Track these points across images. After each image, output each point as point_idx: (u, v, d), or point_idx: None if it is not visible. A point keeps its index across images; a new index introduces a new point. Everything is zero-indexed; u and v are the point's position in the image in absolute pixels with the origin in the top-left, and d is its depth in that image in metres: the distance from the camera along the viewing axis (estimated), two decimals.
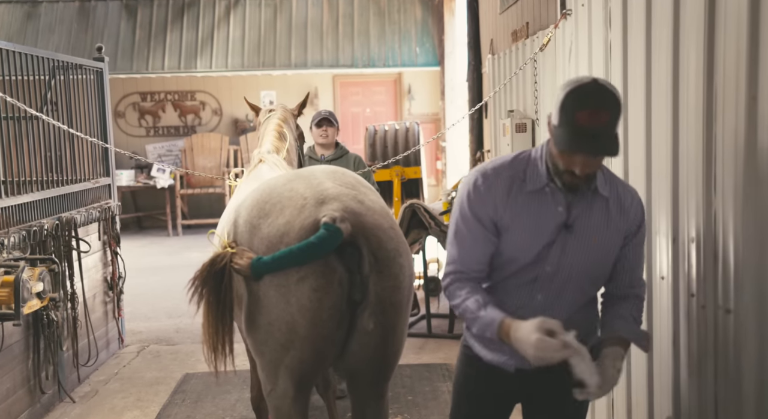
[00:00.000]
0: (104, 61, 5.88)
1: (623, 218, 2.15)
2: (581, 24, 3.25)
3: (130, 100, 12.45)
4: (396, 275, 2.49)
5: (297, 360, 2.50)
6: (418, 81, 12.41)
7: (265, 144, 3.53)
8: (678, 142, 2.30)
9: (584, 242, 2.13)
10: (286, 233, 2.47)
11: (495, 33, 6.38)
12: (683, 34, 2.24)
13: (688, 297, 2.28)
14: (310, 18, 12.01)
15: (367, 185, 2.71)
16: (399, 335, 2.58)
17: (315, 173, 2.72)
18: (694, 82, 2.16)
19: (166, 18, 11.98)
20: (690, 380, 2.34)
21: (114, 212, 5.75)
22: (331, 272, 2.42)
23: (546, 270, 2.15)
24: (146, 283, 7.87)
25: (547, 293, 2.17)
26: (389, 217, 2.61)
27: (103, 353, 5.53)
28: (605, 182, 2.14)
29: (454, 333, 6.07)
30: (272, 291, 2.49)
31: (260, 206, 2.64)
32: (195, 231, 11.82)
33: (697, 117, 2.15)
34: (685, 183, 2.27)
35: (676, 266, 2.37)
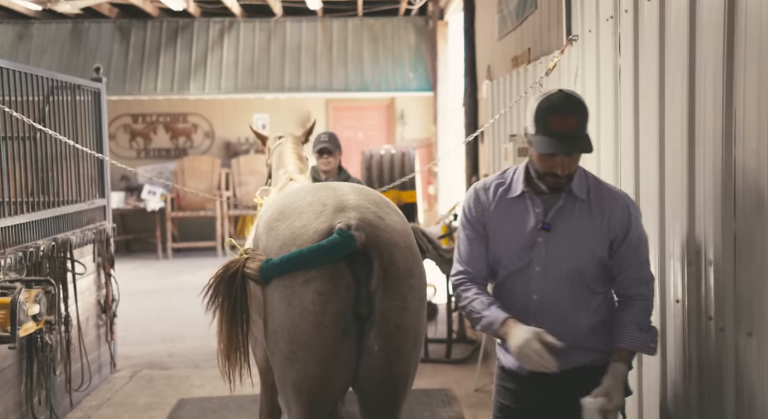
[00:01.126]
0: (102, 81, 5.86)
1: (604, 221, 2.34)
2: (588, 49, 3.27)
3: (121, 122, 12.41)
4: (404, 295, 2.44)
5: (302, 375, 2.44)
6: (411, 106, 12.47)
7: (290, 165, 3.54)
8: (694, 166, 2.30)
9: (565, 242, 2.34)
10: (300, 236, 2.47)
11: (492, 59, 6.42)
12: (699, 59, 2.25)
13: (705, 320, 2.27)
14: (304, 42, 12.06)
15: (393, 206, 2.69)
16: (405, 360, 2.51)
17: (342, 186, 2.72)
18: (711, 106, 2.17)
19: (159, 40, 11.99)
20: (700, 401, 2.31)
21: (109, 234, 5.69)
22: (339, 277, 2.39)
23: (536, 271, 2.38)
24: (137, 307, 7.77)
25: (541, 292, 2.38)
26: (408, 238, 2.57)
27: (96, 378, 5.43)
28: (582, 186, 2.36)
29: (451, 358, 6.02)
30: (277, 294, 2.47)
31: (281, 209, 2.65)
32: (185, 255, 11.73)
33: (716, 140, 2.15)
34: (702, 208, 2.27)
35: (691, 288, 2.35)
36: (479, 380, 5.43)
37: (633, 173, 2.76)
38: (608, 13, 2.96)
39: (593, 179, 2.41)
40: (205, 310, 2.65)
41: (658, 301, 2.60)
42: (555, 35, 4.08)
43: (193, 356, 6.34)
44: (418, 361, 2.64)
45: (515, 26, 5.30)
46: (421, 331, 2.59)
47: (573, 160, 2.28)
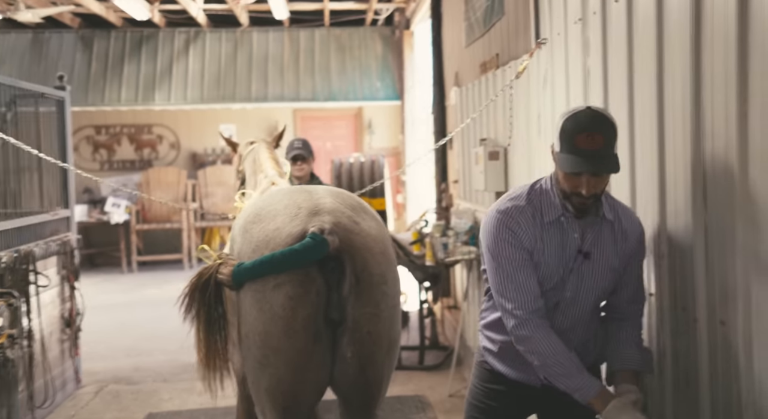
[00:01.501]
0: (66, 89, 5.75)
1: (625, 239, 2.30)
2: (557, 52, 3.29)
3: (84, 134, 12.20)
4: (377, 302, 2.41)
5: (275, 380, 2.40)
6: (379, 115, 12.48)
7: (269, 169, 3.50)
8: (664, 162, 2.32)
9: (600, 267, 2.30)
10: (273, 239, 2.43)
11: (460, 66, 6.45)
12: (667, 58, 2.27)
13: (680, 312, 2.29)
14: (270, 52, 12.01)
15: (370, 212, 2.66)
16: (379, 366, 2.48)
17: (319, 189, 2.69)
18: (680, 103, 2.19)
19: (123, 50, 11.84)
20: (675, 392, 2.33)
21: (73, 246, 5.56)
22: (310, 282, 2.35)
23: (566, 296, 2.31)
24: (101, 321, 7.60)
25: (567, 316, 2.34)
26: (383, 244, 2.54)
27: (59, 394, 5.28)
28: (609, 207, 2.31)
29: (424, 365, 5.99)
30: (249, 298, 2.43)
31: (257, 212, 2.62)
32: (151, 268, 11.54)
33: (685, 135, 2.17)
34: (672, 202, 2.29)
35: (664, 282, 2.37)
36: (452, 386, 5.42)
37: None
38: (576, 16, 2.98)
39: (609, 196, 2.36)
40: (182, 319, 2.61)
41: None
42: (523, 40, 4.10)
43: (161, 369, 6.22)
44: (394, 365, 2.61)
45: (483, 33, 5.33)
46: (395, 337, 2.56)
47: (599, 180, 2.18)
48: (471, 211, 5.40)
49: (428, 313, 6.33)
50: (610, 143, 2.13)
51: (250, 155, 3.73)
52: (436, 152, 7.70)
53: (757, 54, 1.82)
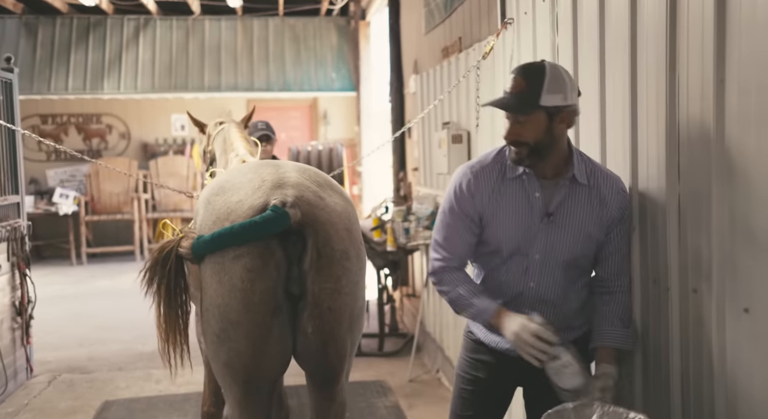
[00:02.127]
0: (14, 71, 5.56)
1: (603, 206, 2.29)
2: (524, 31, 3.33)
3: (30, 123, 11.82)
4: (338, 277, 2.39)
5: (234, 354, 2.37)
6: (334, 106, 12.43)
7: (239, 148, 3.44)
8: (636, 133, 2.36)
9: (568, 230, 2.28)
10: (234, 211, 2.40)
11: (419, 53, 6.47)
12: (641, 30, 2.31)
13: (651, 284, 2.33)
14: (223, 41, 11.84)
15: (338, 189, 2.64)
16: (341, 342, 2.46)
17: (286, 164, 2.66)
18: (654, 73, 2.23)
19: (69, 37, 11.50)
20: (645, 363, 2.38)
21: (23, 232, 5.39)
22: (269, 254, 2.32)
23: (535, 258, 2.31)
24: (52, 312, 7.40)
25: (539, 280, 2.33)
26: (349, 221, 2.51)
27: (11, 384, 5.12)
28: (584, 171, 2.30)
29: (384, 351, 6.01)
30: (208, 270, 2.40)
31: (222, 184, 2.59)
32: (101, 260, 11.27)
33: (659, 105, 2.21)
34: (645, 175, 2.33)
35: (635, 254, 2.41)
36: (413, 371, 5.44)
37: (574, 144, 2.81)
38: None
39: (589, 162, 2.34)
40: (143, 293, 2.57)
41: None
42: (487, 22, 4.14)
43: (116, 359, 6.09)
44: (357, 341, 2.60)
45: (444, 18, 5.36)
46: (358, 314, 2.54)
47: (521, 127, 2.21)
48: (432, 196, 5.43)
49: (388, 300, 6.34)
50: (531, 89, 2.17)
51: (219, 135, 3.68)
52: (394, 141, 7.70)
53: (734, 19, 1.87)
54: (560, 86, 2.20)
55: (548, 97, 2.18)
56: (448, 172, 4.52)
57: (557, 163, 2.30)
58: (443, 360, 5.29)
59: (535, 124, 2.21)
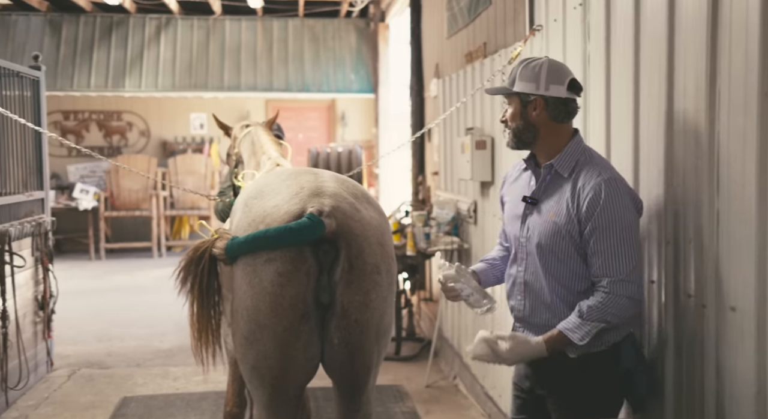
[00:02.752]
0: (41, 69, 5.62)
1: (574, 200, 2.35)
2: (553, 39, 3.32)
3: (52, 119, 11.93)
4: (367, 291, 2.40)
5: (262, 357, 2.40)
6: (352, 108, 12.45)
7: (271, 151, 3.46)
8: (673, 148, 2.34)
9: (539, 217, 2.44)
10: (270, 215, 2.42)
11: (441, 57, 6.47)
12: (678, 42, 2.29)
13: (684, 298, 2.31)
14: (243, 41, 11.90)
15: (374, 203, 2.66)
16: (367, 354, 2.47)
17: (325, 173, 2.68)
18: (693, 91, 2.20)
19: (93, 35, 11.60)
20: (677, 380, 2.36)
21: (47, 228, 5.44)
22: (301, 261, 2.34)
23: (521, 242, 2.50)
24: (70, 307, 7.45)
25: (525, 265, 2.48)
26: (382, 235, 2.52)
27: (32, 376, 5.18)
28: (569, 163, 2.40)
29: (401, 355, 6.01)
30: (240, 272, 2.43)
31: (260, 188, 2.62)
32: (119, 255, 11.36)
33: (698, 118, 2.17)
34: (681, 192, 2.30)
35: (669, 268, 2.39)
36: (430, 376, 5.44)
37: (605, 155, 2.80)
38: (577, 1, 3.01)
39: (587, 157, 2.40)
40: (177, 292, 2.60)
41: None
42: (513, 28, 4.13)
43: (134, 355, 6.13)
44: (383, 354, 2.60)
45: (467, 23, 5.35)
46: (386, 328, 2.55)
47: (506, 110, 2.49)
48: (453, 201, 5.43)
49: (405, 304, 6.35)
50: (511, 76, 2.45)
51: (246, 138, 3.70)
52: (414, 145, 7.71)
53: None
54: (532, 76, 2.40)
55: (519, 84, 2.42)
56: (471, 178, 4.51)
57: (549, 152, 2.44)
58: (461, 367, 5.28)
59: (513, 107, 2.47)
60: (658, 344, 2.47)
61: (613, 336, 2.36)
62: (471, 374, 5.00)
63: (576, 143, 2.42)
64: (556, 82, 2.38)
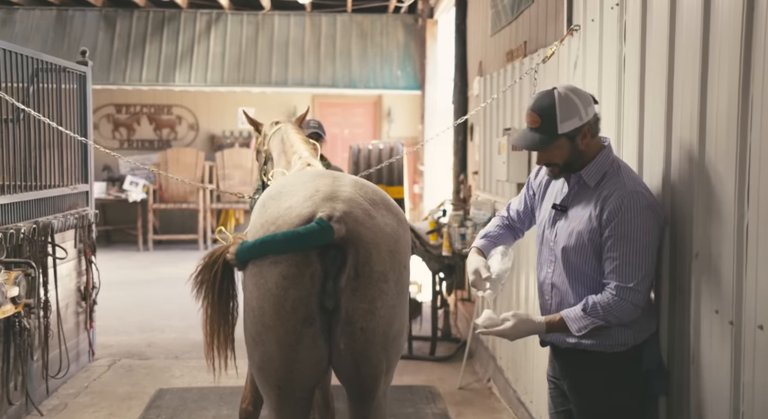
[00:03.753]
0: (88, 65, 5.74)
1: (597, 208, 2.38)
2: (590, 39, 3.23)
3: (105, 112, 12.24)
4: (372, 299, 2.37)
5: (267, 358, 2.41)
6: (398, 104, 12.42)
7: (302, 150, 3.45)
8: (704, 159, 2.25)
9: (565, 223, 2.49)
10: (282, 217, 2.43)
11: (484, 55, 6.39)
12: (714, 45, 2.20)
13: (711, 314, 2.22)
14: (292, 36, 11.97)
15: (392, 209, 2.61)
16: (374, 362, 2.45)
17: (344, 177, 2.66)
18: (726, 96, 2.11)
19: (145, 30, 11.83)
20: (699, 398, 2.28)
21: (91, 220, 5.57)
22: (306, 265, 2.34)
23: (551, 246, 2.55)
24: (116, 297, 7.63)
25: (553, 268, 2.54)
26: (395, 243, 2.48)
27: (73, 365, 5.31)
28: (597, 174, 2.43)
29: (435, 356, 5.97)
30: (248, 273, 2.46)
31: (279, 189, 2.63)
32: (166, 247, 11.58)
33: (729, 134, 2.09)
34: (711, 201, 2.21)
35: (696, 281, 2.31)
36: (464, 378, 5.39)
37: (636, 166, 2.71)
38: (614, 1, 2.92)
39: (615, 168, 2.45)
40: (192, 297, 2.62)
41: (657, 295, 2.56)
42: (553, 27, 4.04)
43: (173, 347, 6.23)
44: (393, 361, 2.58)
45: (510, 21, 5.26)
46: (394, 336, 2.51)
47: (546, 154, 2.45)
48: (491, 202, 5.35)
49: (442, 304, 6.29)
50: (546, 122, 2.38)
51: (276, 135, 3.69)
52: (456, 143, 7.64)
53: None
54: (572, 111, 2.38)
55: (564, 125, 2.38)
56: (507, 179, 4.44)
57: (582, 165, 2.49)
58: (495, 370, 5.21)
59: (560, 149, 2.43)
60: (684, 360, 2.39)
61: (634, 338, 2.43)
62: (504, 377, 4.93)
63: (605, 156, 2.46)
64: (588, 103, 2.42)
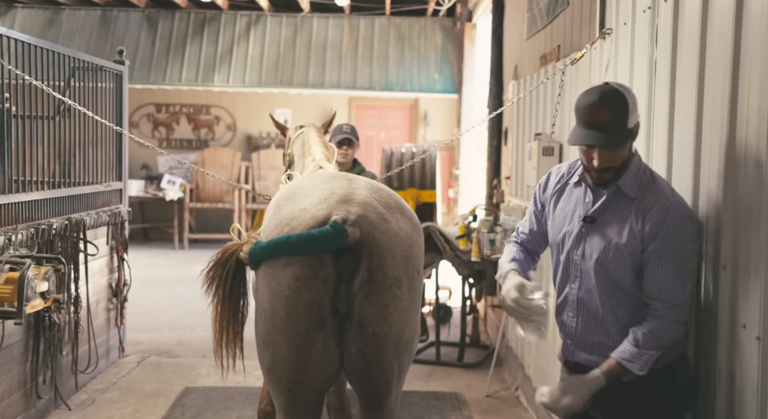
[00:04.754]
0: (125, 64, 5.82)
1: (639, 220, 2.25)
2: (622, 42, 3.15)
3: (145, 111, 12.43)
4: (385, 304, 2.34)
5: (277, 360, 2.39)
6: (435, 107, 12.37)
7: (317, 153, 3.46)
8: (734, 164, 2.17)
9: (601, 237, 2.32)
10: (296, 218, 2.41)
11: (520, 59, 6.30)
12: (744, 49, 2.12)
13: (739, 328, 2.13)
14: (330, 39, 12.01)
15: (407, 213, 2.59)
16: (387, 367, 2.42)
17: (360, 180, 2.63)
18: (756, 100, 2.04)
19: (186, 31, 12.00)
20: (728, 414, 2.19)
21: (124, 218, 5.64)
22: (319, 267, 2.32)
23: (575, 260, 2.39)
24: (149, 294, 7.73)
25: (579, 284, 2.39)
26: (409, 248, 2.46)
27: (103, 361, 5.37)
28: (634, 183, 2.29)
29: (463, 362, 5.90)
30: (261, 274, 2.44)
31: (293, 190, 2.61)
32: (202, 245, 11.71)
33: (759, 136, 2.01)
34: (741, 210, 2.13)
35: (724, 294, 2.22)
36: (491, 386, 5.31)
37: (665, 170, 2.63)
38: (646, 4, 2.84)
39: (650, 177, 2.33)
40: (204, 294, 2.62)
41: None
42: (587, 31, 3.96)
43: (202, 345, 6.28)
44: (405, 366, 2.55)
45: (545, 24, 5.18)
46: (406, 341, 2.48)
47: (610, 154, 2.23)
48: (521, 208, 5.27)
49: (471, 310, 6.22)
50: (617, 118, 2.19)
51: (299, 139, 3.71)
52: (490, 147, 7.56)
53: None
54: (635, 104, 2.24)
55: (632, 119, 2.23)
56: (537, 185, 4.36)
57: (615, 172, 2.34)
58: (523, 378, 5.12)
59: (625, 148, 2.27)
60: (712, 375, 2.30)
61: (670, 355, 2.32)
62: (532, 386, 4.84)
63: (637, 163, 2.34)
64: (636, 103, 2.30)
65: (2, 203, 3.92)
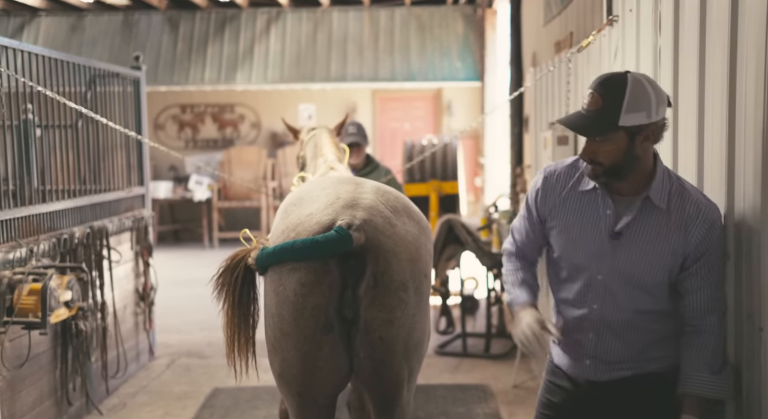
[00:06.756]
0: (141, 69, 5.88)
1: (681, 234, 2.08)
2: (628, 29, 3.09)
3: (170, 113, 12.57)
4: (392, 308, 2.34)
5: (286, 365, 2.41)
6: (458, 97, 12.27)
7: (328, 154, 3.46)
8: (734, 150, 2.12)
9: (635, 253, 2.11)
10: (302, 224, 2.42)
11: (538, 46, 6.22)
12: (741, 37, 2.07)
13: (745, 319, 2.09)
14: (350, 32, 11.99)
15: (415, 217, 2.57)
16: (396, 370, 2.42)
17: (367, 184, 2.63)
18: (753, 86, 1.98)
19: (207, 31, 12.08)
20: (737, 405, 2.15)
21: (147, 222, 5.71)
22: (325, 272, 2.32)
23: (598, 279, 2.18)
24: (179, 295, 7.83)
25: (602, 303, 2.19)
26: (416, 252, 2.45)
27: (133, 365, 5.46)
28: (663, 192, 2.10)
29: (490, 353, 5.87)
30: (268, 280, 2.46)
31: (301, 195, 2.62)
32: (231, 244, 11.81)
33: (756, 121, 1.96)
34: (742, 197, 2.08)
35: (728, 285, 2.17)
36: (518, 376, 5.28)
37: (671, 158, 2.58)
38: None
39: (677, 183, 2.14)
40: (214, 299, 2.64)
41: None
42: (599, 17, 3.89)
43: None
44: (415, 369, 2.54)
45: (560, 11, 5.11)
46: (415, 345, 2.46)
47: (597, 146, 2.07)
48: None
49: (496, 301, 6.19)
50: (609, 107, 2.02)
51: (311, 141, 3.72)
52: (512, 135, 7.49)
53: None
54: (643, 103, 2.02)
55: (628, 117, 2.02)
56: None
57: (638, 180, 2.14)
58: None
59: (614, 144, 2.06)
60: None
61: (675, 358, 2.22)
62: None
63: (662, 169, 2.15)
64: (663, 101, 2.07)
65: (25, 215, 4.00)
